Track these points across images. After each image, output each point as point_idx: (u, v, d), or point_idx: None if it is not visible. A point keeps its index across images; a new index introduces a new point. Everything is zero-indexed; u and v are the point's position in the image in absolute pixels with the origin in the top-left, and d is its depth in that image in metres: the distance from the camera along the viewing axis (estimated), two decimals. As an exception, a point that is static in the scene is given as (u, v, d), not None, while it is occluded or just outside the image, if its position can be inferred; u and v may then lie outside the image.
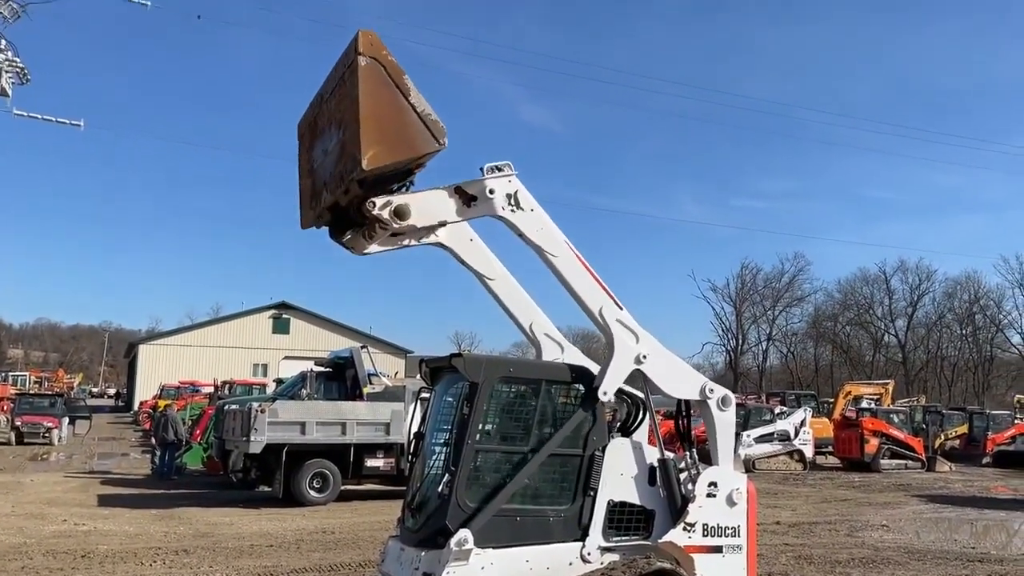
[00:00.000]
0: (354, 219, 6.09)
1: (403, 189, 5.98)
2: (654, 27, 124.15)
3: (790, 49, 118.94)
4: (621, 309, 6.45)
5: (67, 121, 34.80)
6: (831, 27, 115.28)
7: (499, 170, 6.14)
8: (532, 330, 7.14)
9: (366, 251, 6.25)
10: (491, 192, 6.06)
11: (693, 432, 6.93)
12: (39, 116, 33.87)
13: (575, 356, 7.22)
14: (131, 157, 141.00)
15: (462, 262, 6.51)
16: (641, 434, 6.72)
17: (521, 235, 6.26)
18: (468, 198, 6.07)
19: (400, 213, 5.86)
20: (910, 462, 29.27)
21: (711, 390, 6.70)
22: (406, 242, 6.24)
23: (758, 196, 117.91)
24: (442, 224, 6.18)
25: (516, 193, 6.16)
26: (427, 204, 6.01)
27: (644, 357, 6.42)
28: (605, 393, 6.32)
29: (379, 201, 5.79)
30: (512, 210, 6.15)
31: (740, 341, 79.05)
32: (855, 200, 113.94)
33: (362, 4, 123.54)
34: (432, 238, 6.43)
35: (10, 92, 35.79)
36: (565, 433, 6.39)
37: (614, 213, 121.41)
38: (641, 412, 6.70)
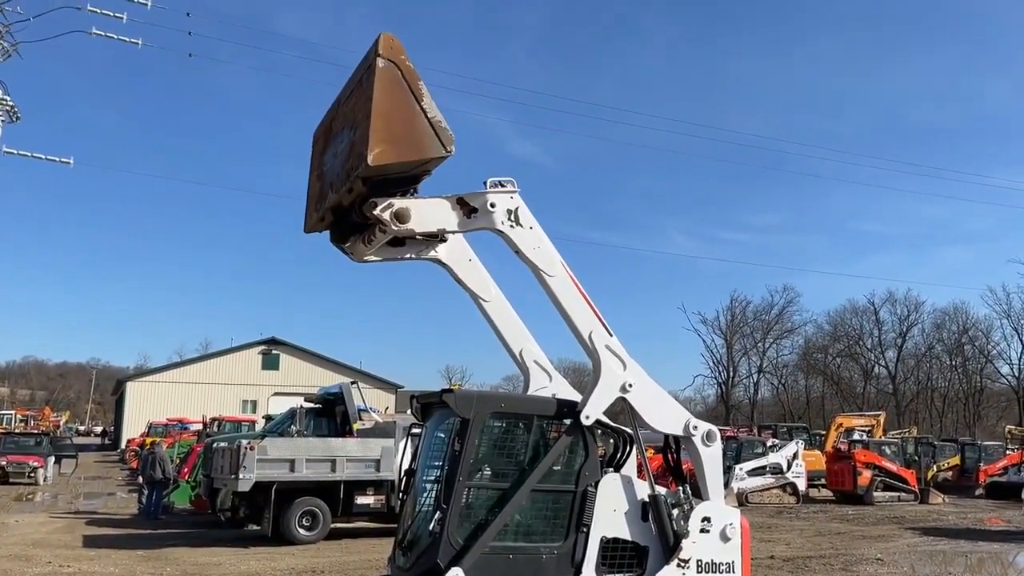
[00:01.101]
0: (356, 222, 6.15)
1: (407, 195, 6.02)
2: (643, 63, 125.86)
3: (777, 84, 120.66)
4: (611, 336, 6.46)
5: (56, 159, 34.79)
6: (818, 62, 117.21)
7: (502, 185, 6.19)
8: (522, 356, 7.12)
9: (365, 257, 6.31)
10: (492, 206, 6.10)
11: (684, 467, 6.92)
12: (28, 154, 33.85)
13: (563, 386, 7.20)
14: (119, 193, 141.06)
15: (459, 281, 6.53)
16: (629, 469, 6.68)
17: (518, 252, 6.28)
18: (469, 209, 6.12)
19: (401, 216, 5.88)
20: (903, 494, 29.15)
21: (695, 427, 6.67)
22: (406, 255, 6.28)
23: (747, 229, 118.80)
24: (441, 233, 6.21)
25: (517, 210, 6.20)
26: (428, 210, 6.04)
27: (630, 386, 6.42)
28: (588, 417, 6.28)
29: (381, 202, 5.83)
30: (511, 225, 6.18)
31: (731, 373, 79.13)
32: (843, 232, 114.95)
33: (350, 40, 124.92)
34: (431, 254, 6.47)
35: (0, 130, 35.84)
36: (557, 469, 6.37)
37: (604, 247, 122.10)
38: (628, 446, 6.66)
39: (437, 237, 6.44)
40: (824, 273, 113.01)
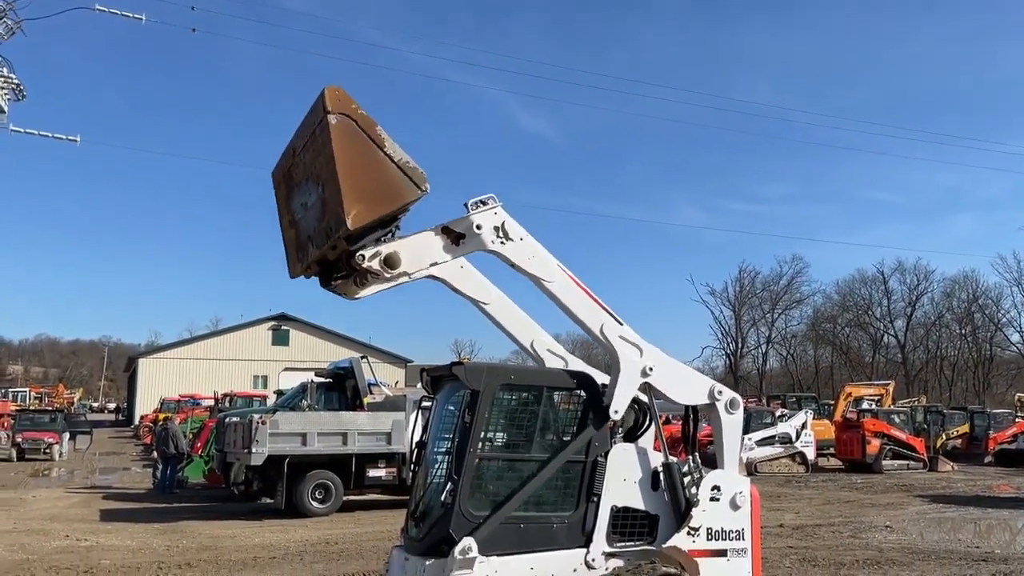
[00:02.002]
0: (344, 270, 6.06)
1: (390, 235, 5.92)
2: (651, 33, 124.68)
3: (787, 53, 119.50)
4: (621, 324, 6.46)
5: (64, 136, 34.82)
6: (827, 30, 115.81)
7: (483, 204, 6.10)
8: (534, 347, 7.10)
9: (358, 296, 6.23)
10: (478, 228, 6.03)
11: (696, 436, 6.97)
12: (35, 132, 33.87)
13: (580, 367, 7.21)
14: (128, 171, 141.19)
15: (456, 291, 6.48)
16: (646, 440, 6.71)
17: (513, 266, 6.25)
18: (456, 236, 6.05)
19: (390, 262, 5.84)
20: (912, 462, 29.26)
21: (720, 392, 6.75)
22: (399, 281, 6.17)
23: (756, 200, 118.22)
24: (433, 265, 6.14)
25: (503, 224, 6.13)
26: (416, 249, 5.98)
27: (650, 369, 6.44)
28: (616, 412, 6.32)
29: (368, 253, 5.76)
30: (502, 242, 6.12)
31: (740, 344, 79.11)
32: (853, 202, 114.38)
33: (358, 15, 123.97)
34: (423, 273, 6.39)
35: (6, 109, 35.83)
36: (567, 439, 6.42)
37: (612, 219, 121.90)
38: (647, 419, 6.68)
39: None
40: (833, 243, 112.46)
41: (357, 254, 5.72)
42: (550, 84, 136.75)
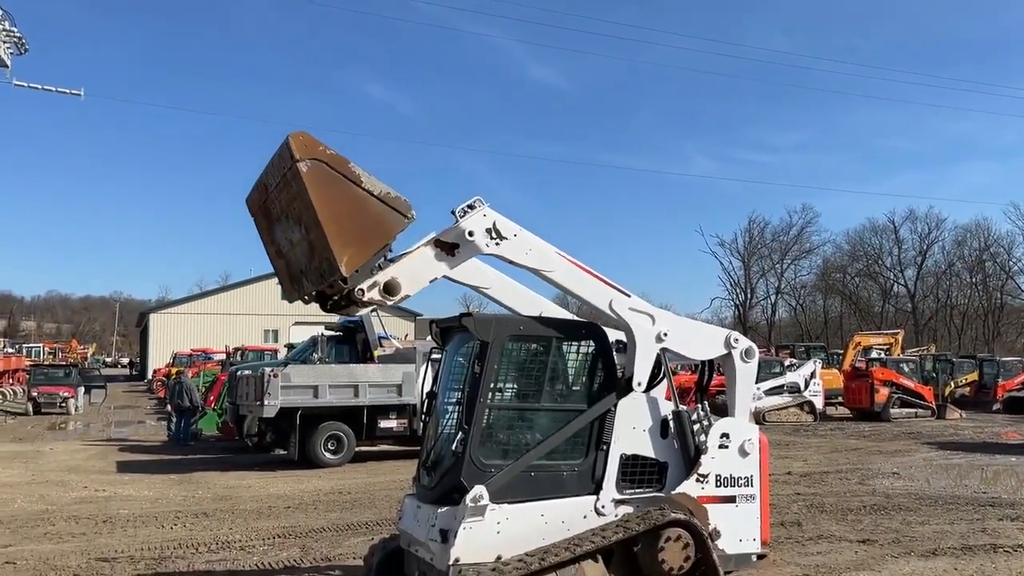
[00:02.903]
0: (343, 300, 5.96)
1: (383, 258, 5.83)
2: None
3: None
4: (629, 296, 6.46)
5: (67, 91, 34.54)
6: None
7: (471, 208, 6.02)
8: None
9: (360, 313, 6.19)
10: (471, 234, 5.95)
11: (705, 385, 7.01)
12: (39, 86, 33.61)
13: None
14: (133, 125, 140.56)
15: (455, 282, 6.46)
16: (658, 390, 6.74)
17: (513, 263, 6.23)
18: (450, 247, 5.97)
19: (390, 289, 5.80)
20: (920, 411, 29.37)
21: (736, 339, 6.81)
22: (401, 301, 6.12)
23: (768, 150, 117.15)
24: (433, 281, 6.07)
25: (495, 225, 6.05)
26: (413, 270, 5.92)
27: (665, 335, 6.46)
28: (640, 384, 6.36)
29: (366, 286, 5.72)
30: (497, 243, 6.06)
31: (749, 295, 79.03)
32: (867, 150, 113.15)
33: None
34: (424, 287, 6.33)
35: (9, 63, 35.52)
36: (577, 389, 6.47)
37: (621, 170, 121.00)
38: (660, 371, 6.69)
39: None
40: (847, 192, 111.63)
41: (356, 289, 5.68)
42: (561, 33, 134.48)
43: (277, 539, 10.06)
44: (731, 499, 6.55)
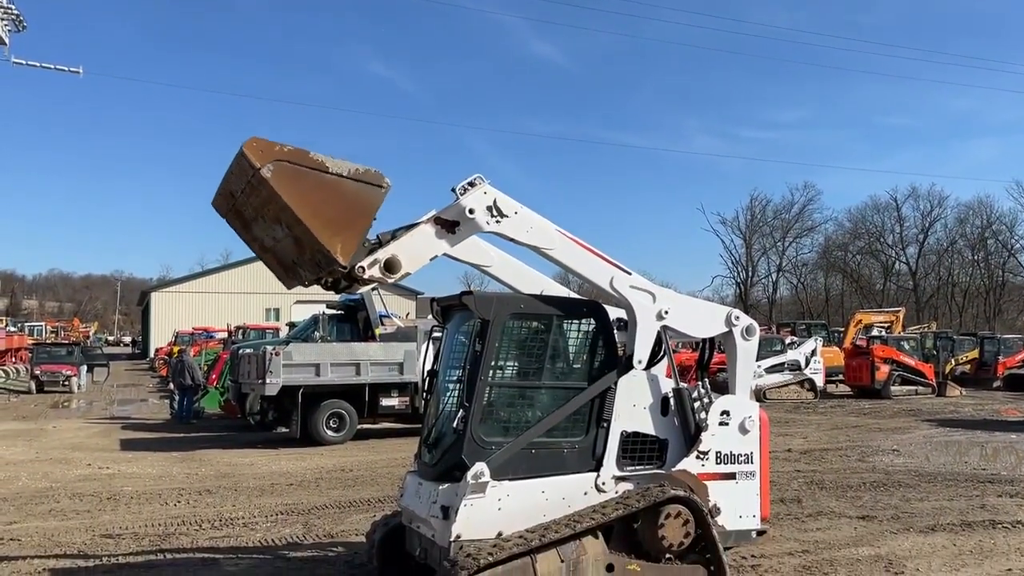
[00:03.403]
0: (344, 280, 5.96)
1: (376, 240, 5.82)
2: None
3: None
4: (630, 274, 6.46)
5: (66, 68, 34.31)
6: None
7: (472, 185, 6.00)
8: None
9: (361, 291, 6.18)
10: (471, 212, 5.94)
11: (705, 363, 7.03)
12: (38, 64, 33.38)
13: None
14: (133, 103, 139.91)
15: (456, 259, 6.45)
16: (658, 368, 6.75)
17: (513, 241, 6.22)
18: (451, 225, 5.95)
19: (391, 267, 5.77)
20: (920, 388, 29.47)
21: (737, 317, 6.83)
22: (401, 278, 6.10)
23: (770, 127, 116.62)
24: (433, 258, 6.06)
25: (495, 202, 6.03)
26: (414, 248, 5.90)
27: (666, 312, 6.47)
28: (640, 362, 6.37)
29: (366, 263, 5.70)
30: (497, 221, 6.05)
31: (750, 273, 79.00)
32: (869, 127, 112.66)
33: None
34: (424, 265, 6.31)
35: (7, 40, 35.28)
36: (578, 367, 6.48)
37: (623, 147, 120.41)
38: (660, 348, 6.70)
39: None
40: (848, 169, 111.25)
41: (357, 266, 5.66)
42: (562, 9, 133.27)
43: (280, 516, 10.13)
44: (731, 476, 6.58)
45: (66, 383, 32.13)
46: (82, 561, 7.96)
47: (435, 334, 7.48)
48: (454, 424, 6.35)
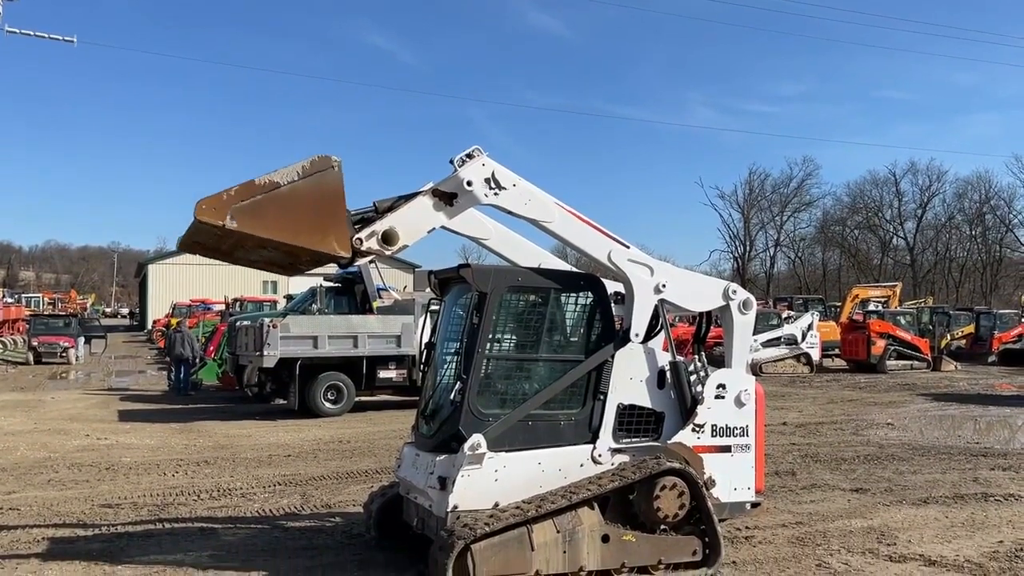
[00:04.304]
0: None
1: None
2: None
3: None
4: (628, 248, 6.46)
5: (60, 37, 33.91)
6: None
7: (470, 157, 5.97)
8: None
9: (358, 263, 6.18)
10: (469, 184, 5.92)
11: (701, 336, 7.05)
12: (31, 32, 32.99)
13: None
14: (128, 74, 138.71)
15: (454, 232, 6.43)
16: (655, 341, 6.77)
17: (512, 213, 6.20)
18: (449, 197, 5.93)
19: (388, 239, 5.77)
20: (916, 362, 29.57)
21: (734, 291, 6.83)
22: (399, 251, 6.09)
23: (771, 100, 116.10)
24: (431, 230, 6.04)
25: (493, 174, 6.01)
26: (411, 220, 5.88)
27: (663, 286, 6.48)
28: (637, 335, 6.38)
29: (364, 235, 5.70)
30: (495, 193, 6.03)
31: (748, 247, 78.98)
32: (869, 101, 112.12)
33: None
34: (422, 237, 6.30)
35: (0, 9, 34.88)
36: (575, 340, 6.49)
37: (623, 120, 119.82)
38: (658, 322, 6.72)
39: None
40: (848, 143, 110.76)
41: (354, 239, 5.67)
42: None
43: (278, 487, 10.19)
44: (726, 448, 6.63)
45: (63, 355, 32.17)
46: (81, 530, 8.01)
47: (433, 307, 7.50)
48: (451, 396, 6.37)
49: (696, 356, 6.84)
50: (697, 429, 6.52)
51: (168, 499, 9.47)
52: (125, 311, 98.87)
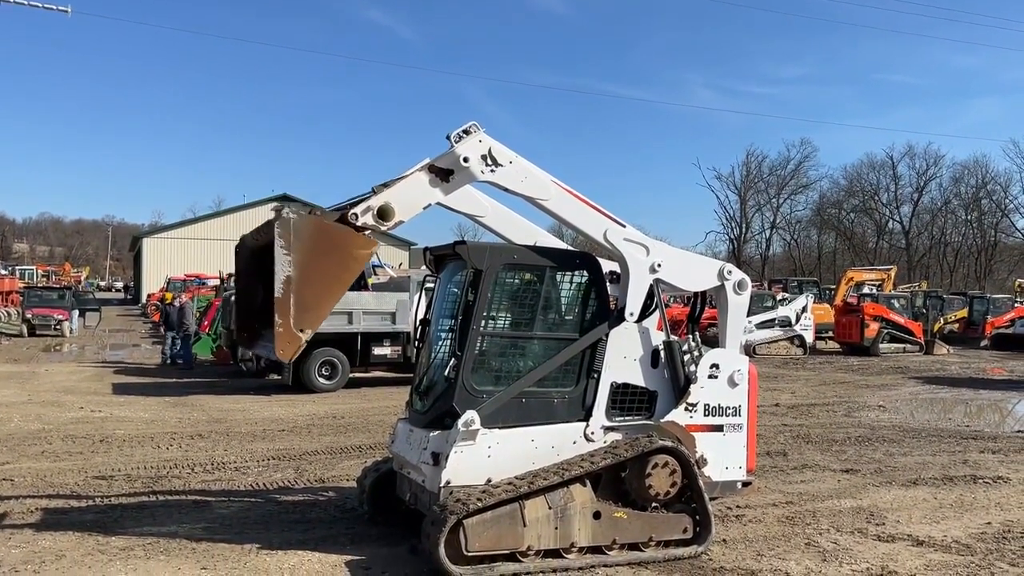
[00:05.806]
0: None
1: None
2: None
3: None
4: (624, 227, 6.44)
5: (54, 7, 33.54)
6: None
7: (467, 133, 5.93)
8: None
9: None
10: (465, 160, 5.88)
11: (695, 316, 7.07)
12: (24, 3, 32.62)
13: None
14: (123, 45, 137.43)
15: (449, 209, 6.41)
16: (650, 320, 6.78)
17: (508, 190, 6.17)
18: (445, 173, 5.91)
19: (384, 214, 5.77)
20: (909, 346, 29.70)
21: (729, 272, 6.85)
22: (394, 227, 6.08)
23: (771, 82, 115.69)
24: (427, 207, 6.01)
25: (490, 151, 5.97)
26: (407, 195, 5.87)
27: (658, 266, 6.48)
28: (632, 314, 6.39)
29: (359, 210, 5.69)
30: (492, 170, 6.00)
31: (744, 229, 79.06)
32: (869, 84, 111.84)
33: None
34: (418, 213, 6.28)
35: (-7, -22, 34.43)
36: (570, 318, 6.50)
37: (622, 99, 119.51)
38: (653, 301, 6.72)
39: None
40: (847, 126, 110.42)
41: (349, 214, 5.67)
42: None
43: (271, 461, 10.23)
44: (719, 428, 6.66)
45: (57, 327, 32.13)
46: (75, 501, 8.04)
47: (428, 284, 7.49)
48: (446, 373, 6.40)
49: (690, 336, 6.85)
50: (690, 408, 6.55)
51: (162, 472, 9.50)
52: (119, 285, 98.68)
